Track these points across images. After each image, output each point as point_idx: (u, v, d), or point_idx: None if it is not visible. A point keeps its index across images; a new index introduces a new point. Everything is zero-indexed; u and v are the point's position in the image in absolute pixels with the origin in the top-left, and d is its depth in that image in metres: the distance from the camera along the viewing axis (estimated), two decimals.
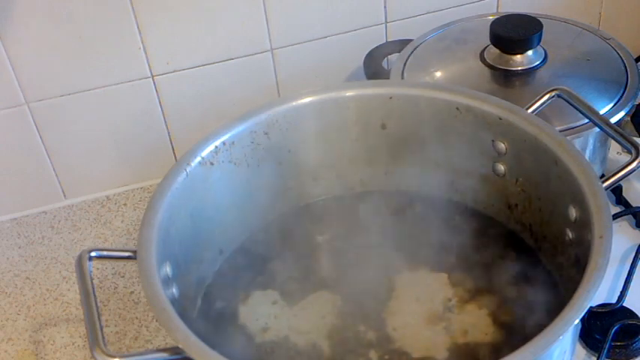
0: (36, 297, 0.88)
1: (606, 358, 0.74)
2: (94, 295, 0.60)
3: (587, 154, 0.83)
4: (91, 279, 0.61)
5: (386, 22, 0.98)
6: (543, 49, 0.86)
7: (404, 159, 0.80)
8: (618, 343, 0.75)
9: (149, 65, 0.92)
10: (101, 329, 0.58)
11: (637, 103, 0.84)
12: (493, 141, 0.74)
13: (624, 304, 0.77)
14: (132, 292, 0.87)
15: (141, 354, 0.59)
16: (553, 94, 0.73)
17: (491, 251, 0.75)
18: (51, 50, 0.88)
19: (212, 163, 0.73)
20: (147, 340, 0.82)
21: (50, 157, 0.96)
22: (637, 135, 0.91)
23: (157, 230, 0.65)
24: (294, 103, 0.77)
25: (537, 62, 0.85)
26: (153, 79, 0.93)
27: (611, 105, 0.82)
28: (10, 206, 0.98)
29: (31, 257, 0.93)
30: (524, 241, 0.77)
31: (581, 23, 0.93)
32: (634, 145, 0.67)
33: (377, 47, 0.96)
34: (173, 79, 0.94)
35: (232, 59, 0.95)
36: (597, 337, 0.75)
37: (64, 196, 1.00)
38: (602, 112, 0.80)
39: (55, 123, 0.93)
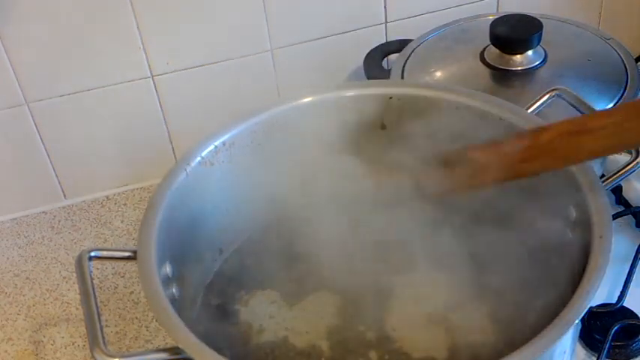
0: (36, 297, 0.88)
1: (606, 358, 0.74)
2: (94, 295, 0.60)
3: None
4: (91, 279, 0.61)
5: (386, 22, 0.98)
6: (543, 49, 0.86)
7: (404, 159, 0.80)
8: (618, 343, 0.75)
9: (149, 65, 0.92)
10: (101, 329, 0.58)
11: None
12: None
13: (624, 304, 0.77)
14: (132, 292, 0.87)
15: (141, 354, 0.59)
16: (553, 94, 0.73)
17: (490, 251, 0.75)
18: (51, 50, 0.88)
19: (212, 163, 0.73)
20: (147, 340, 0.82)
21: (50, 157, 0.96)
22: None
23: (157, 230, 0.65)
24: (294, 103, 0.77)
25: (537, 62, 0.85)
26: (153, 79, 0.93)
27: (611, 105, 0.81)
28: (10, 206, 0.98)
29: (31, 257, 0.93)
30: (524, 241, 0.76)
31: (581, 23, 0.93)
32: None
33: (377, 47, 0.96)
34: (173, 79, 0.94)
35: (232, 59, 0.95)
36: (597, 337, 0.75)
37: (64, 196, 1.00)
38: None
39: (55, 123, 0.93)
